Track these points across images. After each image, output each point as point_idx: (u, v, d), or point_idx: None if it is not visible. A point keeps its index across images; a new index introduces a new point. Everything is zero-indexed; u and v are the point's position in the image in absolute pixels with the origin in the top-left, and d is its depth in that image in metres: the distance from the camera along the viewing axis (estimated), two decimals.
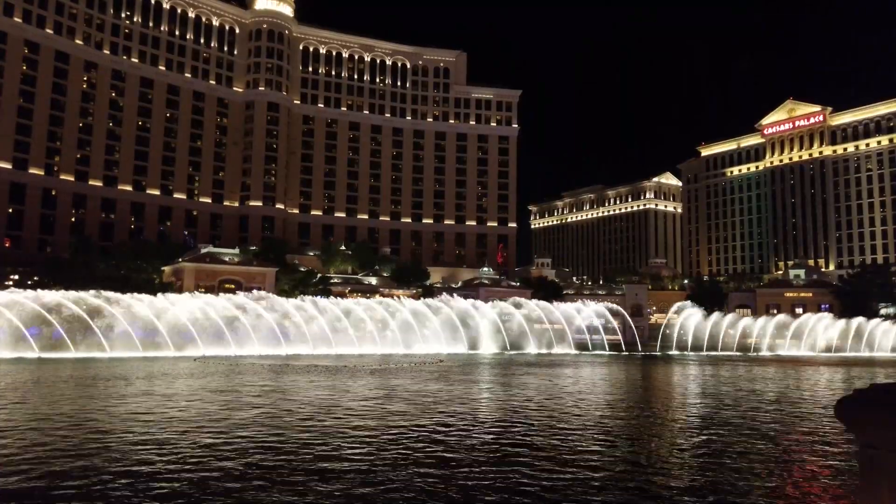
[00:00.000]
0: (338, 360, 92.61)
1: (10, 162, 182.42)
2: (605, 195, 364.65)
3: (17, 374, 63.07)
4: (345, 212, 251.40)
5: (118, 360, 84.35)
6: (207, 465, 23.86)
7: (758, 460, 26.16)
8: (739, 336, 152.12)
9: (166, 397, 44.36)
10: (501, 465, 24.47)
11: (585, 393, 52.57)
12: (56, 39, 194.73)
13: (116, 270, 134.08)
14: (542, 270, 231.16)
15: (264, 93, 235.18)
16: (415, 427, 32.77)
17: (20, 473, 22.10)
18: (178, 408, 39.31)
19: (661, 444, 30.16)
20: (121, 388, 50.30)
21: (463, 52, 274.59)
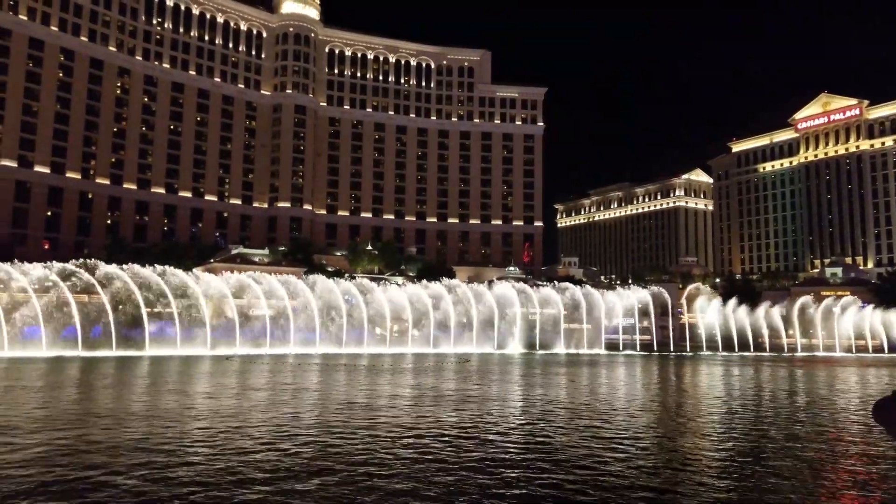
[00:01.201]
0: (376, 360, 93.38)
1: (48, 166, 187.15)
2: (634, 193, 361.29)
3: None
4: (371, 212, 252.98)
5: (165, 358, 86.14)
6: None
7: (800, 465, 25.91)
8: (773, 335, 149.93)
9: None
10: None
11: (631, 397, 52.39)
12: (90, 46, 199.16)
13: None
14: (568, 269, 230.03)
15: (291, 95, 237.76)
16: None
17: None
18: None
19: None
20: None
21: (487, 50, 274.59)
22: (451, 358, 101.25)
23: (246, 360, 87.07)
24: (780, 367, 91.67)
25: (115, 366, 74.41)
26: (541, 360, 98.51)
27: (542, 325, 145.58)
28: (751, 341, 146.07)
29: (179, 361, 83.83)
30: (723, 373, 78.91)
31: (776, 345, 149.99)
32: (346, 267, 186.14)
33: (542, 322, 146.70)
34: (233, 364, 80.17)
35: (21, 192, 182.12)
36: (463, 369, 76.18)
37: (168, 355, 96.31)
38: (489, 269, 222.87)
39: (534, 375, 69.48)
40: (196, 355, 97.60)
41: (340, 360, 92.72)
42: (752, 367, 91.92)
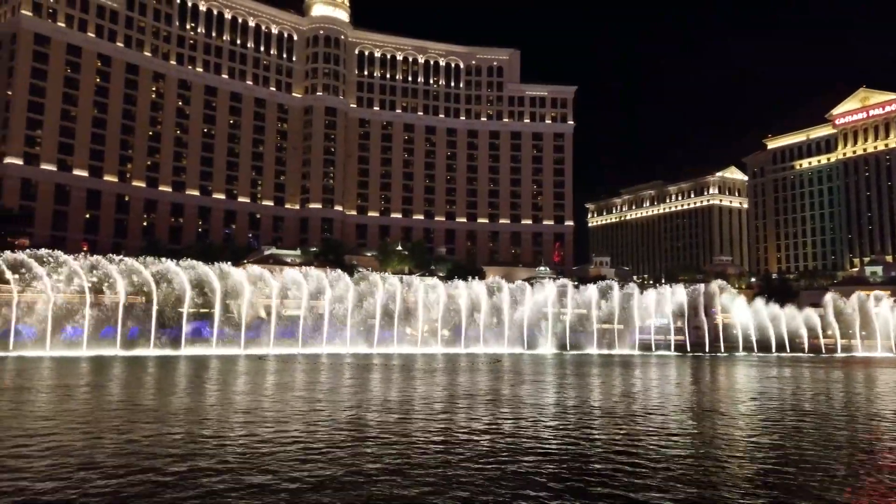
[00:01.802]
0: (408, 360, 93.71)
1: (86, 170, 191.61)
2: (666, 191, 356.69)
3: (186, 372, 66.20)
4: (401, 212, 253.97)
5: (205, 357, 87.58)
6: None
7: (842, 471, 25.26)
8: (810, 335, 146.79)
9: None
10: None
11: (671, 400, 51.75)
12: (126, 52, 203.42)
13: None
14: (600, 269, 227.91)
15: (322, 98, 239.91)
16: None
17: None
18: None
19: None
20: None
21: (516, 49, 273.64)
22: (483, 358, 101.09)
23: (282, 360, 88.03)
24: (826, 369, 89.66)
25: (163, 365, 75.81)
26: (575, 361, 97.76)
27: (572, 326, 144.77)
28: (787, 342, 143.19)
29: (224, 361, 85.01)
30: (765, 375, 77.40)
31: (814, 345, 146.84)
32: (377, 267, 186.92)
33: (573, 322, 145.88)
34: (274, 363, 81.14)
35: (60, 195, 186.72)
36: (505, 370, 76.00)
37: (205, 355, 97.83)
38: (519, 269, 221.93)
39: (583, 376, 68.96)
40: (232, 355, 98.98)
41: (379, 360, 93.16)
42: (794, 368, 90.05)
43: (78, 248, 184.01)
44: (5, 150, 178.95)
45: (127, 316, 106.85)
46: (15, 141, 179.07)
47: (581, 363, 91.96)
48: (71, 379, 57.56)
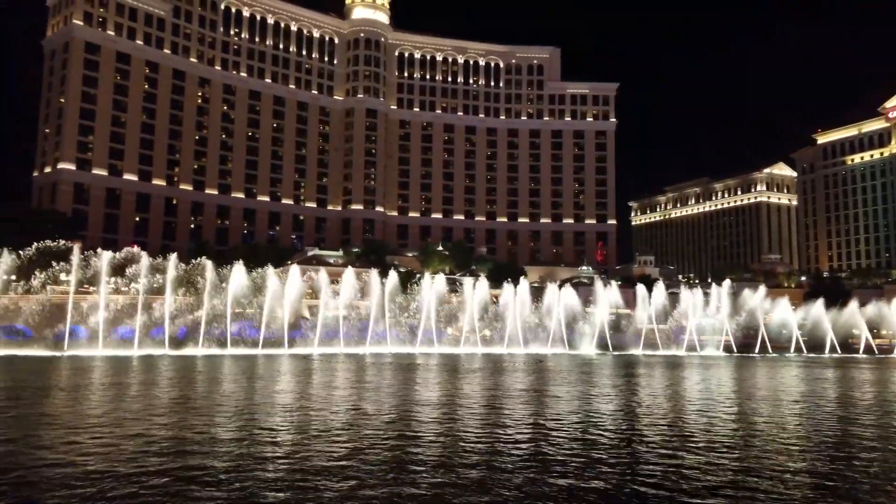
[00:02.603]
0: (451, 360, 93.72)
1: (136, 174, 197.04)
2: (712, 188, 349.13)
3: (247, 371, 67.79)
4: (441, 213, 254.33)
5: (249, 357, 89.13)
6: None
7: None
8: (865, 335, 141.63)
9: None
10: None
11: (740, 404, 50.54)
12: (173, 58, 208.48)
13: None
14: (644, 268, 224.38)
15: (363, 100, 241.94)
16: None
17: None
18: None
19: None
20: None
21: (557, 47, 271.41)
22: (526, 358, 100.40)
23: (325, 359, 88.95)
24: (885, 371, 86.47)
25: (213, 363, 77.37)
26: (622, 362, 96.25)
27: (616, 326, 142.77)
28: (835, 342, 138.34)
29: (275, 360, 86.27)
30: (822, 377, 74.98)
31: (867, 346, 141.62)
32: (418, 267, 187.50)
33: (616, 322, 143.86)
34: (319, 363, 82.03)
35: (111, 199, 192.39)
36: (553, 370, 75.37)
37: (251, 354, 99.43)
38: (561, 269, 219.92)
39: (640, 378, 67.90)
40: (276, 354, 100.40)
41: (428, 360, 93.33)
42: (854, 370, 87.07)
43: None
44: (59, 156, 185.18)
45: (176, 316, 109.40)
46: (68, 147, 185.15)
47: (629, 364, 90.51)
48: (124, 377, 59.10)
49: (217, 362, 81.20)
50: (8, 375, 60.31)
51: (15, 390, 47.67)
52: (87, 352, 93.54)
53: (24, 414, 35.96)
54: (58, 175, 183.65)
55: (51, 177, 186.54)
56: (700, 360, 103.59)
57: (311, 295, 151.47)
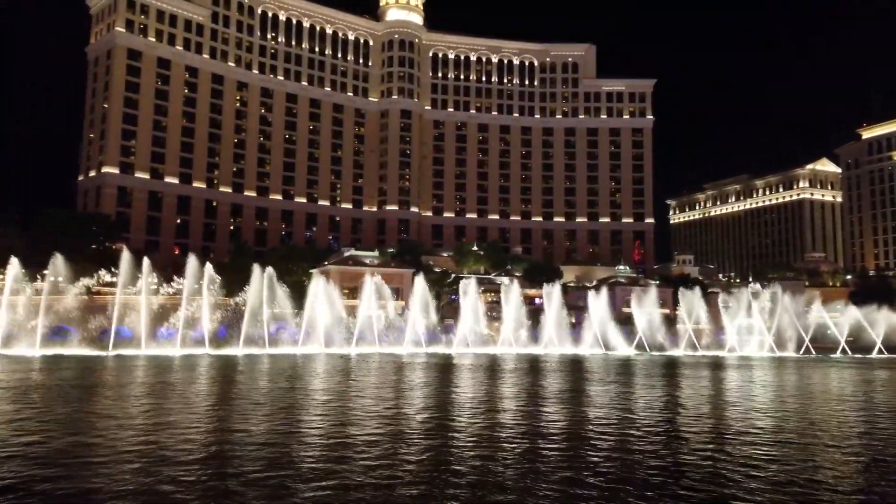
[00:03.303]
0: (487, 360, 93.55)
1: (177, 177, 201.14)
2: (753, 185, 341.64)
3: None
4: (476, 212, 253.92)
5: (287, 356, 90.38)
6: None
7: None
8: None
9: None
10: None
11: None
12: (212, 63, 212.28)
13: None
14: (683, 267, 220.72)
15: (397, 101, 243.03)
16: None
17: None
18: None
19: None
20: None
21: (592, 45, 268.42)
22: (564, 359, 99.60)
23: (362, 359, 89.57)
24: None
25: (256, 362, 78.57)
26: (665, 362, 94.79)
27: (655, 326, 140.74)
28: (882, 343, 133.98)
29: (320, 359, 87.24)
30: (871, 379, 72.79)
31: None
32: (453, 267, 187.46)
33: (655, 322, 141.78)
34: (357, 362, 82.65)
35: (153, 201, 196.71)
36: (599, 370, 74.66)
37: (289, 353, 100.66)
38: (598, 269, 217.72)
39: (686, 379, 66.86)
40: (313, 353, 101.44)
41: (466, 360, 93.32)
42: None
43: (170, 252, 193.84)
44: (103, 160, 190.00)
45: (216, 316, 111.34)
46: (112, 151, 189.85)
47: (672, 364, 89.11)
48: (166, 376, 60.32)
49: (275, 361, 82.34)
50: (83, 375, 62.05)
51: (97, 388, 48.98)
52: (132, 351, 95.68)
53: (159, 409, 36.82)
54: (102, 179, 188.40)
55: (95, 180, 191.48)
56: (745, 362, 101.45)
57: (347, 295, 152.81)
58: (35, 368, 67.51)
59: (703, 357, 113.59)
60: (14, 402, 41.61)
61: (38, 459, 25.17)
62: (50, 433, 30.66)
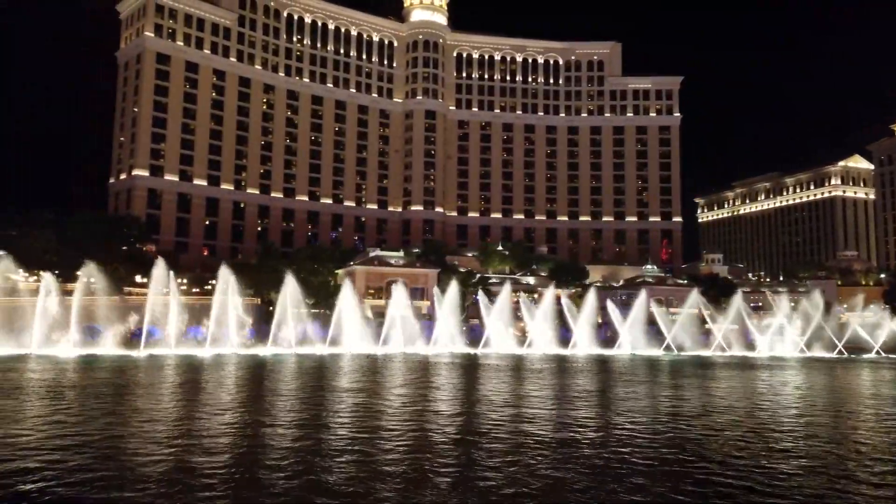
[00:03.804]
0: (513, 360, 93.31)
1: (205, 179, 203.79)
2: (783, 183, 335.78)
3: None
4: (500, 212, 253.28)
5: (314, 356, 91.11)
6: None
7: None
8: None
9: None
10: None
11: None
12: (239, 66, 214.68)
13: (297, 274, 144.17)
14: (712, 267, 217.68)
15: (422, 102, 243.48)
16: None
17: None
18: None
19: None
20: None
21: (617, 42, 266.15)
22: (591, 359, 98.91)
23: (387, 359, 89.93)
24: None
25: (285, 363, 79.33)
26: (696, 363, 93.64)
27: (683, 326, 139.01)
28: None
29: (340, 359, 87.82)
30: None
31: None
32: (478, 267, 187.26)
33: (684, 322, 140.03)
34: (384, 362, 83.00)
35: (182, 203, 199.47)
36: (629, 372, 74.08)
37: (315, 353, 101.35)
38: (625, 268, 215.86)
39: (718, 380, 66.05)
40: (339, 353, 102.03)
41: (493, 360, 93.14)
42: None
43: (199, 253, 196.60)
44: (133, 163, 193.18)
45: (244, 316, 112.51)
46: (142, 154, 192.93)
47: (703, 365, 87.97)
48: (195, 375, 61.14)
49: (305, 361, 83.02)
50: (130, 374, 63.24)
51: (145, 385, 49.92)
52: (163, 351, 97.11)
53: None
54: (132, 181, 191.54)
55: (126, 183, 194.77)
56: (780, 363, 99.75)
57: (372, 295, 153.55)
58: (69, 368, 68.92)
59: (733, 357, 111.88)
60: (49, 400, 42.56)
61: (75, 454, 25.71)
62: (83, 430, 31.30)
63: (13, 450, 26.95)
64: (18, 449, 27.15)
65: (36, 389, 49.37)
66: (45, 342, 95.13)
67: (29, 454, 26.07)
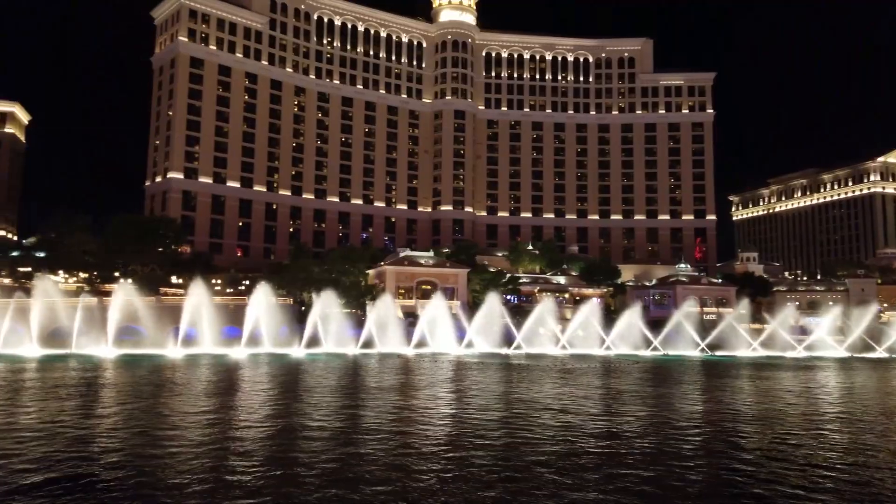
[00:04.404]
0: (554, 361, 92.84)
1: (238, 181, 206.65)
2: (820, 180, 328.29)
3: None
4: (530, 212, 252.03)
5: (342, 354, 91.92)
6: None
7: None
8: None
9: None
10: None
11: None
12: (270, 69, 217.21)
13: (328, 274, 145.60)
14: (747, 265, 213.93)
15: (451, 102, 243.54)
16: None
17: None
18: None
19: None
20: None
21: (649, 39, 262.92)
22: (616, 360, 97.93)
23: (418, 358, 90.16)
24: None
25: (346, 362, 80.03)
26: (736, 363, 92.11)
27: (716, 326, 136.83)
28: None
29: (378, 359, 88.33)
30: None
31: None
32: (508, 267, 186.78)
33: (717, 322, 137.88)
34: (415, 361, 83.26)
35: (216, 205, 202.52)
36: (664, 373, 73.27)
37: (345, 353, 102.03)
38: (657, 267, 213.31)
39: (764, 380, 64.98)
40: (371, 353, 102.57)
41: (541, 361, 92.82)
42: None
43: (233, 254, 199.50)
44: (168, 166, 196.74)
45: (277, 316, 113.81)
46: (177, 157, 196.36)
47: (740, 366, 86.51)
48: (232, 374, 62.00)
49: (341, 361, 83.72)
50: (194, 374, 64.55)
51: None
52: (199, 350, 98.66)
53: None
54: (168, 184, 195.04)
55: (161, 186, 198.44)
56: (820, 363, 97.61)
57: (402, 295, 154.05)
58: (108, 367, 70.48)
59: (768, 358, 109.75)
60: (89, 398, 43.57)
61: (113, 451, 26.29)
62: (122, 426, 31.98)
63: (76, 443, 27.68)
64: (76, 441, 27.88)
65: (77, 388, 50.61)
66: (85, 342, 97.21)
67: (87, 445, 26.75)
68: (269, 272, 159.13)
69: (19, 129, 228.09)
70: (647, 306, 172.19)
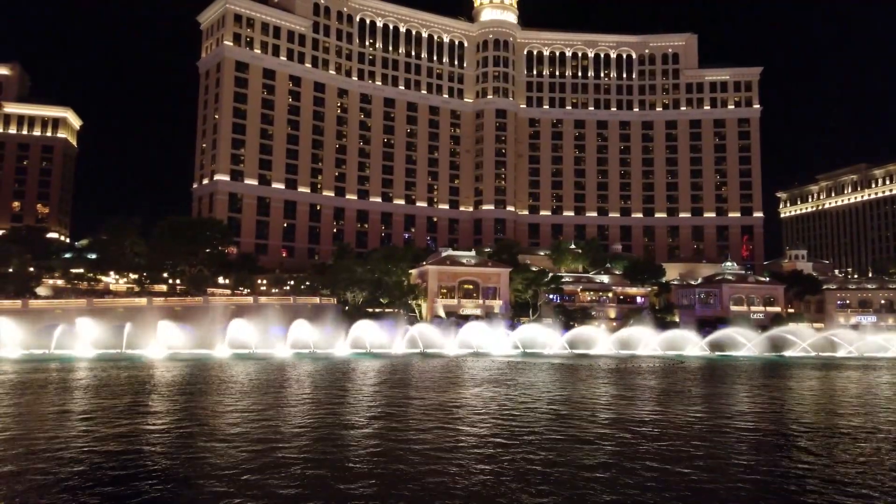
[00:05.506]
0: (593, 360, 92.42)
1: (283, 183, 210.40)
2: (871, 175, 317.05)
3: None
4: (573, 210, 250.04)
5: (383, 354, 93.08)
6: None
7: None
8: None
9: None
10: None
11: None
12: (314, 72, 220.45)
13: (371, 273, 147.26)
14: (795, 263, 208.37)
15: (492, 101, 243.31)
16: None
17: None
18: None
19: None
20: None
21: (693, 34, 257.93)
22: (665, 361, 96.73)
23: (456, 359, 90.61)
24: None
25: (412, 364, 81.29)
26: (791, 364, 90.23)
27: (764, 326, 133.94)
28: None
29: (420, 359, 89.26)
30: None
31: None
32: (550, 266, 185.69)
33: (764, 322, 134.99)
34: (456, 360, 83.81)
35: (262, 206, 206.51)
36: (733, 375, 72.36)
37: (388, 353, 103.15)
38: (703, 266, 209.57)
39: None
40: (413, 353, 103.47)
41: (595, 361, 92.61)
42: None
43: (278, 254, 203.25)
44: (215, 169, 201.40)
45: (318, 316, 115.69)
46: (223, 160, 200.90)
47: (798, 366, 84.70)
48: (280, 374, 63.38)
49: (399, 363, 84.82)
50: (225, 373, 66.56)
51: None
52: (245, 350, 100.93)
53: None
54: (214, 186, 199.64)
55: (208, 188, 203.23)
56: (865, 364, 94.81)
57: (444, 295, 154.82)
58: (158, 367, 72.83)
59: (818, 359, 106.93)
60: (143, 395, 45.27)
61: (157, 446, 27.42)
62: (169, 422, 33.25)
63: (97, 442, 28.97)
64: (118, 438, 29.19)
65: (132, 386, 52.59)
66: (135, 342, 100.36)
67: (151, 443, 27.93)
68: (314, 272, 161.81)
69: (71, 134, 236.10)
70: (693, 305, 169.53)
